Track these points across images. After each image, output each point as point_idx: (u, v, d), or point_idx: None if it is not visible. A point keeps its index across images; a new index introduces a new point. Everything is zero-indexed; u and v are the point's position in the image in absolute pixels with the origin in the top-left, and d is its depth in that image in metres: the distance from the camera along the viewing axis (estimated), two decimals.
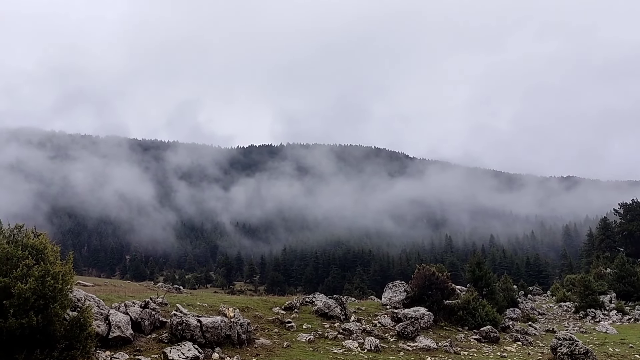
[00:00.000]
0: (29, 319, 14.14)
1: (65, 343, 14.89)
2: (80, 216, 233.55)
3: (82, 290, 20.46)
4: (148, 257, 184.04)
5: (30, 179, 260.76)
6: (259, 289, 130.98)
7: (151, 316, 19.81)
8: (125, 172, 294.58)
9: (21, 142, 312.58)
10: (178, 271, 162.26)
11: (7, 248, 15.12)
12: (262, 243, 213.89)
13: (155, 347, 18.38)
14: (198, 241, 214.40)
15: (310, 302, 27.37)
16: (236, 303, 25.43)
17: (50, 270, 15.14)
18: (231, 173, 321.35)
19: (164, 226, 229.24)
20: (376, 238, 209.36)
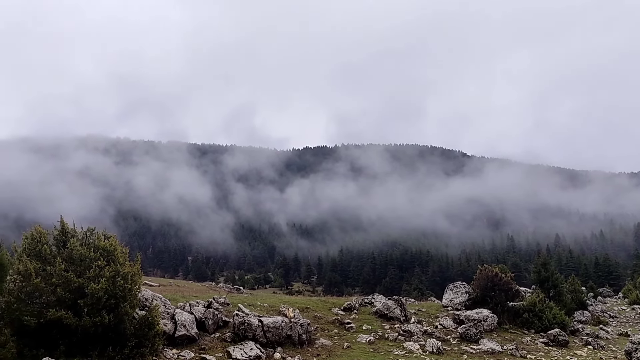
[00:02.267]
0: (101, 318, 14.79)
1: (135, 341, 15.48)
2: (144, 219, 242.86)
3: (149, 290, 21.23)
4: (209, 258, 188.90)
5: (97, 183, 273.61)
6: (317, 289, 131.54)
7: (214, 316, 20.29)
8: (184, 176, 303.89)
9: (89, 149, 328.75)
10: (238, 272, 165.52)
11: (80, 250, 15.89)
12: (318, 244, 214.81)
13: (219, 346, 18.81)
14: (256, 242, 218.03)
15: (369, 303, 27.22)
16: (296, 303, 25.63)
17: (120, 271, 15.79)
18: (286, 175, 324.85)
19: (223, 228, 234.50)
20: (433, 238, 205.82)
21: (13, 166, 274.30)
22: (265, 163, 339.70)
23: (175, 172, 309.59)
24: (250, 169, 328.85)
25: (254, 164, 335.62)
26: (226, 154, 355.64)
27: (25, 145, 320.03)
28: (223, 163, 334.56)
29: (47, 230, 16.74)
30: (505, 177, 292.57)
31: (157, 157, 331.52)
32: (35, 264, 15.25)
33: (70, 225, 16.89)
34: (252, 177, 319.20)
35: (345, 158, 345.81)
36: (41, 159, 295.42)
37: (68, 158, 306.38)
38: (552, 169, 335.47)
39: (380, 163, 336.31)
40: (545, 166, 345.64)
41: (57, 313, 14.35)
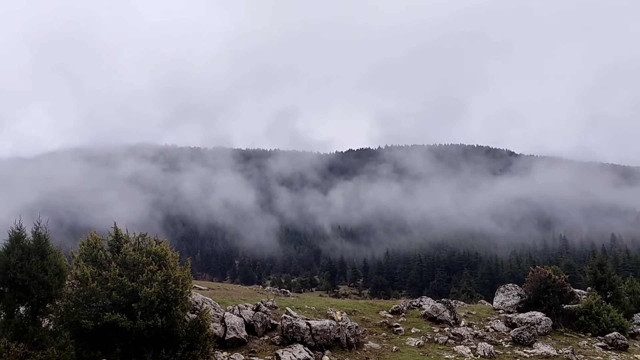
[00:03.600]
0: (154, 321, 15.16)
1: (187, 344, 15.79)
2: (191, 223, 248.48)
3: (199, 294, 21.64)
4: (255, 262, 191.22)
5: (145, 190, 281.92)
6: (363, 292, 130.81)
7: (263, 319, 20.48)
8: (230, 181, 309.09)
9: (138, 157, 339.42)
10: (284, 275, 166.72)
11: (133, 255, 16.36)
12: (363, 246, 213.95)
13: (268, 349, 18.96)
14: (301, 245, 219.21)
15: (417, 305, 26.86)
16: (343, 306, 25.57)
17: (172, 275, 16.16)
18: (330, 178, 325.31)
19: (267, 231, 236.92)
20: (481, 239, 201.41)
21: (68, 175, 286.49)
22: (308, 166, 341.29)
23: (220, 177, 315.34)
24: (294, 173, 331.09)
25: (297, 167, 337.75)
26: (270, 158, 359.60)
27: (78, 154, 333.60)
28: (267, 167, 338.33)
29: (102, 236, 17.33)
30: (556, 175, 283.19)
31: (203, 163, 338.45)
32: (92, 269, 15.80)
33: (123, 231, 17.42)
34: (295, 181, 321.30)
35: (389, 159, 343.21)
36: (94, 168, 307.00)
37: (119, 166, 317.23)
38: (605, 166, 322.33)
39: (424, 164, 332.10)
40: (597, 163, 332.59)
41: (112, 316, 14.81)
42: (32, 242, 14.61)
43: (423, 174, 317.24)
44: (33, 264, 14.11)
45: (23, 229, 14.64)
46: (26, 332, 13.93)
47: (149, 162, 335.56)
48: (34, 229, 14.93)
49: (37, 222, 15.01)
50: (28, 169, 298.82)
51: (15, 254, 14.10)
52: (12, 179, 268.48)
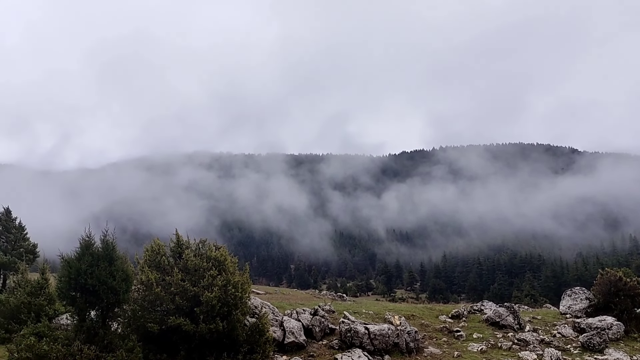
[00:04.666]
0: (216, 325, 15.51)
1: (247, 347, 16.05)
2: (247, 229, 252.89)
3: (258, 298, 21.97)
4: (310, 266, 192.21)
5: (202, 196, 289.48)
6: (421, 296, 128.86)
7: (321, 323, 20.52)
8: (283, 186, 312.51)
9: (194, 165, 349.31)
10: (339, 279, 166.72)
11: (194, 260, 16.81)
12: (418, 249, 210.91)
13: (327, 353, 18.97)
14: (356, 250, 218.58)
15: (479, 310, 26.16)
16: (401, 311, 25.27)
17: (231, 279, 16.49)
18: (383, 180, 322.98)
19: (321, 235, 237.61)
20: (543, 241, 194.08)
21: (129, 184, 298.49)
22: (361, 170, 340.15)
23: (274, 182, 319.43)
24: (346, 177, 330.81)
25: (350, 171, 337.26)
26: (322, 162, 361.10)
27: (139, 164, 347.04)
28: (319, 172, 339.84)
29: (164, 243, 17.90)
30: (623, 173, 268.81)
31: (257, 169, 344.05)
32: (156, 274, 16.35)
33: (184, 237, 17.94)
34: (348, 185, 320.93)
35: (444, 160, 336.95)
36: (153, 176, 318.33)
37: (176, 174, 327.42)
38: None
39: (480, 164, 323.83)
40: None
41: (176, 320, 15.25)
42: (100, 249, 15.27)
43: (479, 174, 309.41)
44: (102, 270, 14.74)
45: (92, 236, 15.33)
46: (97, 335, 14.57)
47: (205, 169, 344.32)
48: (102, 237, 15.61)
49: (104, 230, 15.68)
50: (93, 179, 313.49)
51: (86, 260, 14.78)
52: (79, 189, 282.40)
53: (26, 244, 40.09)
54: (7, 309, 20.12)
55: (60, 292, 15.14)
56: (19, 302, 20.30)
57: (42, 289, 21.42)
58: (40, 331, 15.26)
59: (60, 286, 15.01)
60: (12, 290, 22.32)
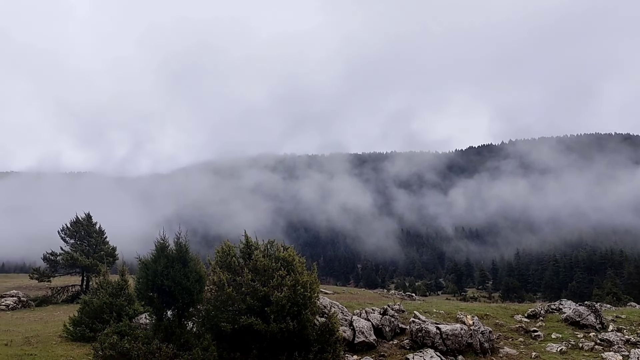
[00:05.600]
0: (286, 324, 15.67)
1: (317, 346, 16.10)
2: (313, 229, 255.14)
3: (326, 298, 22.03)
4: (377, 265, 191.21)
5: (267, 198, 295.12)
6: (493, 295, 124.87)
7: (391, 323, 20.29)
8: (347, 186, 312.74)
9: (259, 167, 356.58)
10: (408, 278, 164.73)
11: (263, 261, 17.07)
12: (489, 247, 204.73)
13: (398, 353, 18.72)
14: (424, 248, 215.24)
15: (557, 309, 25.01)
16: (473, 310, 24.58)
17: (300, 279, 16.61)
18: (450, 177, 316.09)
19: (387, 234, 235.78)
20: (625, 236, 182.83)
21: (198, 187, 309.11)
22: (426, 167, 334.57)
23: (337, 182, 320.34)
24: (411, 174, 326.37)
25: (415, 168, 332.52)
26: (386, 161, 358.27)
27: (207, 168, 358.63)
28: (384, 170, 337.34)
29: (234, 244, 18.32)
30: None
31: (320, 169, 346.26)
32: (227, 275, 16.75)
33: (252, 238, 18.27)
34: (413, 182, 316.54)
35: (513, 154, 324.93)
36: (220, 180, 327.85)
37: (242, 177, 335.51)
38: None
39: (552, 157, 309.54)
40: None
41: (248, 320, 15.54)
42: (174, 251, 15.85)
43: (552, 167, 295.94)
44: (176, 271, 15.29)
45: (166, 239, 15.94)
46: (174, 334, 15.13)
47: (270, 171, 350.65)
48: (175, 239, 16.19)
49: (177, 232, 16.27)
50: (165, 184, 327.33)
51: (161, 262, 15.38)
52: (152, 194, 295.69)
53: (106, 248, 42.34)
54: (91, 309, 21.28)
55: (138, 292, 15.84)
56: (102, 303, 21.41)
57: (122, 290, 22.48)
58: (121, 330, 16.02)
59: (139, 287, 15.70)
60: (94, 291, 23.57)
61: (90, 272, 40.15)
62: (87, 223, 42.70)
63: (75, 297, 38.42)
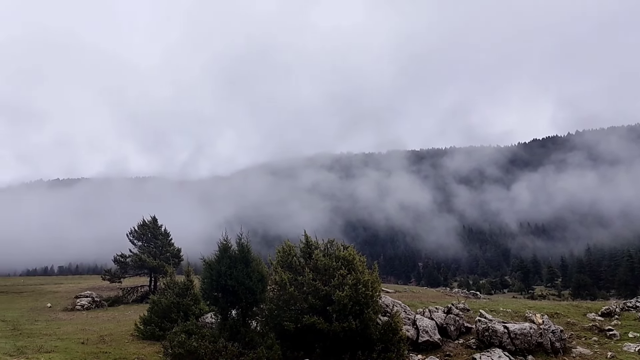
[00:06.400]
0: (349, 323, 15.63)
1: (381, 346, 15.96)
2: (371, 227, 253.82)
3: (388, 297, 21.81)
4: (439, 263, 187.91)
5: (324, 197, 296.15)
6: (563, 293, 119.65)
7: (455, 322, 19.83)
8: (404, 183, 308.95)
9: (316, 167, 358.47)
10: (471, 276, 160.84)
11: (324, 260, 17.10)
12: (557, 243, 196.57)
13: (464, 353, 18.27)
14: (487, 245, 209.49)
15: (634, 307, 23.65)
16: (543, 309, 23.64)
17: (361, 278, 16.52)
18: (513, 171, 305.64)
19: (448, 231, 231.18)
20: None
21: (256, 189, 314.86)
22: (487, 161, 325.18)
23: (395, 179, 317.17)
24: (472, 169, 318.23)
25: (475, 163, 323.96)
26: (445, 156, 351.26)
27: (265, 169, 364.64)
28: (443, 166, 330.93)
29: (294, 244, 18.46)
30: None
31: (377, 167, 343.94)
32: (288, 274, 16.90)
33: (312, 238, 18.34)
34: (474, 178, 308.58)
35: (580, 146, 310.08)
36: (278, 180, 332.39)
37: (299, 177, 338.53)
38: None
39: (623, 146, 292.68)
40: None
41: (310, 319, 15.61)
42: (237, 251, 16.17)
43: (623, 158, 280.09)
44: (239, 272, 15.59)
45: (229, 240, 16.27)
46: (239, 333, 15.43)
47: (326, 171, 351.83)
48: (237, 240, 16.51)
49: (239, 233, 16.59)
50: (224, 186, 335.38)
51: (225, 262, 15.73)
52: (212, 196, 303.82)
53: (171, 249, 43.77)
54: (159, 309, 22.04)
55: (204, 292, 16.27)
56: (169, 303, 22.13)
57: (187, 290, 23.14)
58: (189, 329, 16.51)
59: (204, 287, 16.12)
60: (162, 291, 24.40)
61: (158, 273, 41.60)
62: (153, 226, 44.26)
63: (144, 297, 39.93)
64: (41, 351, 17.22)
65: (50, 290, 45.83)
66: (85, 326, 25.19)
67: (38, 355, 16.28)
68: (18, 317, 28.70)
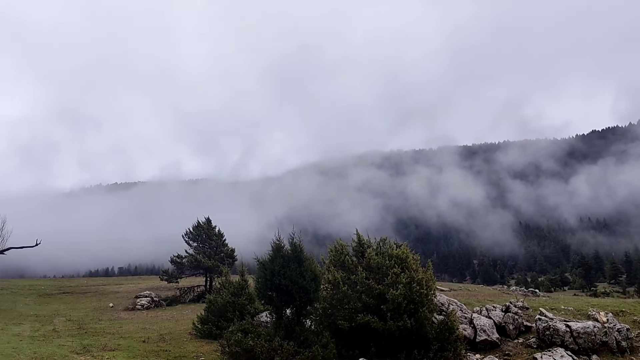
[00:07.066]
0: (403, 322, 15.46)
1: (437, 345, 15.71)
2: (423, 225, 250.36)
3: (443, 295, 21.44)
4: (495, 261, 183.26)
5: (375, 195, 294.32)
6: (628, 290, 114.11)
7: (514, 320, 19.28)
8: (456, 179, 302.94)
9: (366, 165, 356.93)
10: (529, 273, 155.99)
11: (377, 259, 17.00)
12: (620, 238, 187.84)
13: (524, 352, 17.74)
14: (545, 241, 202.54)
15: None
16: (607, 306, 22.62)
17: (415, 277, 16.32)
18: (571, 164, 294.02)
19: (503, 228, 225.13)
20: None
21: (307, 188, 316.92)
22: (543, 155, 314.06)
23: (446, 176, 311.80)
24: (527, 164, 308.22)
25: (530, 157, 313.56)
26: (498, 151, 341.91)
27: (314, 169, 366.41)
28: (496, 161, 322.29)
29: (346, 243, 18.44)
30: None
31: (428, 164, 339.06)
32: (341, 273, 16.90)
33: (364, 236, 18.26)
34: (529, 172, 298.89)
35: None
36: (328, 180, 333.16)
37: (349, 176, 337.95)
38: None
39: None
40: None
41: (364, 318, 15.55)
42: (289, 251, 16.30)
43: None
44: (293, 271, 15.71)
45: (281, 240, 16.44)
46: (294, 332, 15.55)
47: (376, 168, 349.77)
48: (290, 239, 16.64)
49: (291, 233, 16.73)
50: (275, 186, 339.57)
51: (278, 262, 15.90)
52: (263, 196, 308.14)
53: (225, 249, 44.62)
54: (216, 308, 22.54)
55: (258, 292, 16.50)
56: (225, 302, 22.58)
57: (242, 290, 23.54)
58: (245, 328, 16.78)
59: (258, 286, 16.35)
60: (218, 291, 24.92)
61: (213, 272, 42.50)
62: (207, 227, 45.25)
63: (200, 296, 40.88)
64: (105, 349, 17.95)
65: (111, 291, 47.71)
66: (146, 325, 26.07)
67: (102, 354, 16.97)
68: (83, 317, 30.05)
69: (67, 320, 27.39)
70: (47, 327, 24.33)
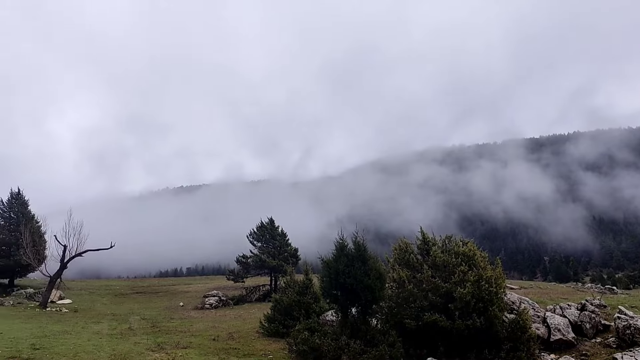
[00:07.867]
0: (472, 321, 15.07)
1: (509, 344, 15.20)
2: (489, 221, 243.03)
3: (514, 293, 20.75)
4: (568, 257, 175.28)
5: (437, 192, 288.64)
6: None
7: (591, 319, 18.36)
8: (523, 173, 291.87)
9: (427, 161, 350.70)
10: (605, 270, 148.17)
11: (442, 257, 16.66)
12: None
13: (603, 352, 16.85)
14: (622, 236, 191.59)
15: None
16: None
17: (483, 275, 15.86)
18: None
19: (575, 222, 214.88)
20: None
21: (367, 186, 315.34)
22: (617, 145, 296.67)
23: (512, 170, 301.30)
24: (600, 155, 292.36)
25: (603, 148, 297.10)
26: (568, 142, 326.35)
27: (375, 166, 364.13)
28: (566, 153, 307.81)
29: (410, 241, 18.18)
30: None
31: (492, 158, 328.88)
32: (406, 272, 16.69)
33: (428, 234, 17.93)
34: (603, 163, 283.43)
35: None
36: (388, 177, 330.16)
37: (410, 173, 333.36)
38: None
39: None
40: None
41: (431, 316, 15.28)
42: (353, 250, 16.27)
43: None
44: (357, 270, 15.67)
45: (345, 239, 16.43)
46: (360, 331, 15.51)
47: (438, 165, 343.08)
48: (353, 238, 16.61)
49: (354, 232, 16.69)
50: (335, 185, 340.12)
51: (342, 261, 15.91)
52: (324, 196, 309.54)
53: (289, 249, 45.23)
54: (281, 307, 22.84)
55: (323, 291, 16.58)
56: (291, 301, 22.84)
57: (307, 289, 23.72)
58: (311, 326, 16.91)
59: (323, 285, 16.42)
60: (283, 290, 25.24)
61: (277, 272, 43.18)
62: (270, 227, 46.03)
63: (266, 295, 41.64)
64: (178, 347, 18.61)
65: (181, 290, 49.47)
66: (215, 324, 26.83)
67: (176, 351, 17.59)
68: (156, 315, 31.34)
69: (141, 319, 28.65)
70: (123, 325, 25.53)
